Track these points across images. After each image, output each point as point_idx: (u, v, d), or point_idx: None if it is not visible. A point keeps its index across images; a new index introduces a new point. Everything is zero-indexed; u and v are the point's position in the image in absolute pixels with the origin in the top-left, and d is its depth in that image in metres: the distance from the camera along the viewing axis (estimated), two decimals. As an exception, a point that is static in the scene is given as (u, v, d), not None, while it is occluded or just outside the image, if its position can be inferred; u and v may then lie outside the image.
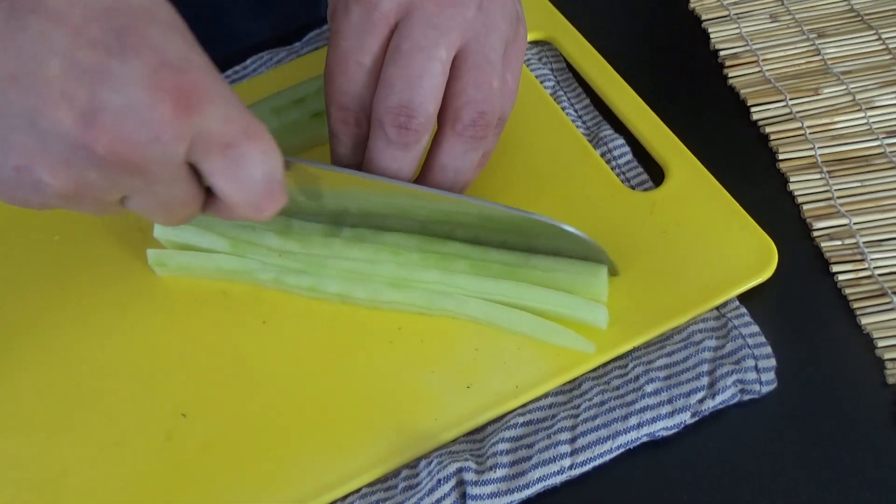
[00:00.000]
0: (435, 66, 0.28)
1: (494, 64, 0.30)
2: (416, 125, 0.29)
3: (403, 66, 0.28)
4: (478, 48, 0.29)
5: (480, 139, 0.30)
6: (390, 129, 0.29)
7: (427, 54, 0.28)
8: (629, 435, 0.30)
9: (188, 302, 0.35)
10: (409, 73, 0.28)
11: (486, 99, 0.29)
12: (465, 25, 0.29)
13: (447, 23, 0.29)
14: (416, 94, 0.28)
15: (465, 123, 0.30)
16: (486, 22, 0.30)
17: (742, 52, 0.43)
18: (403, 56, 0.28)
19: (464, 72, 0.29)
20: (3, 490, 0.31)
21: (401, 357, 0.33)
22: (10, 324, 0.36)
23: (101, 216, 0.35)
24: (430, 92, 0.29)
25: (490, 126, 0.30)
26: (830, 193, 0.37)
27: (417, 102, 0.29)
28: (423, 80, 0.28)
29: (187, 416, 0.32)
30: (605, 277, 0.32)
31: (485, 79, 0.29)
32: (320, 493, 0.30)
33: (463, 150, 0.31)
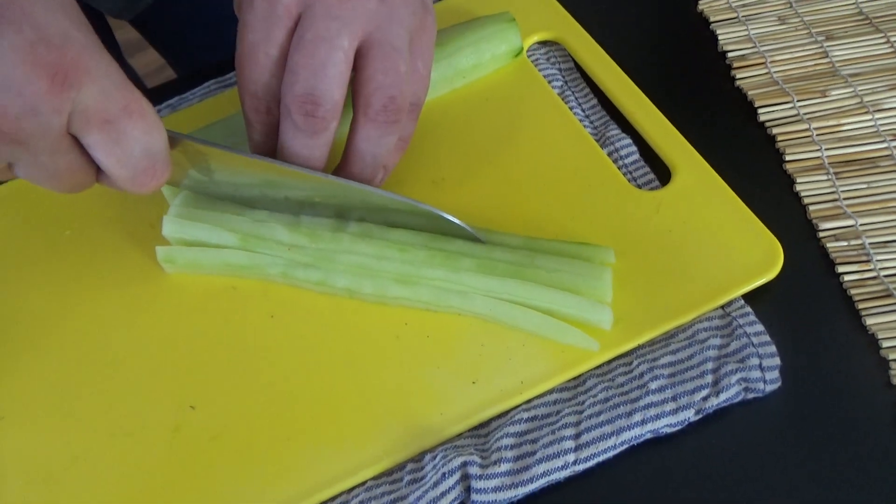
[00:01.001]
0: (338, 55, 0.29)
1: (400, 50, 0.30)
2: (322, 112, 0.30)
3: (307, 55, 0.29)
4: (382, 37, 0.30)
5: (393, 123, 0.31)
6: (297, 116, 0.30)
7: (330, 44, 0.29)
8: (633, 431, 0.30)
9: (197, 296, 0.36)
10: (313, 62, 0.29)
11: (395, 83, 0.30)
12: (367, 16, 0.30)
13: (348, 14, 0.29)
14: (321, 82, 0.29)
15: (376, 109, 0.31)
16: (389, 13, 0.30)
17: (750, 53, 0.43)
18: (307, 46, 0.29)
19: (370, 60, 0.30)
20: (14, 478, 0.32)
21: (407, 352, 0.33)
22: (23, 316, 0.36)
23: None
24: (334, 80, 0.29)
25: (402, 110, 0.31)
26: (837, 195, 0.37)
27: (322, 90, 0.29)
28: (327, 68, 0.29)
29: (196, 409, 0.33)
30: (609, 279, 0.32)
31: (391, 65, 0.30)
32: (326, 485, 0.30)
33: (378, 134, 0.32)
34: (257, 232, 0.35)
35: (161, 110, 0.45)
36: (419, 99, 0.33)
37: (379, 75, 0.30)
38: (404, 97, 0.31)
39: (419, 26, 0.32)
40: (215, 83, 0.45)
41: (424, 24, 0.32)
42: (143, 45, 0.67)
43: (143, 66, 0.75)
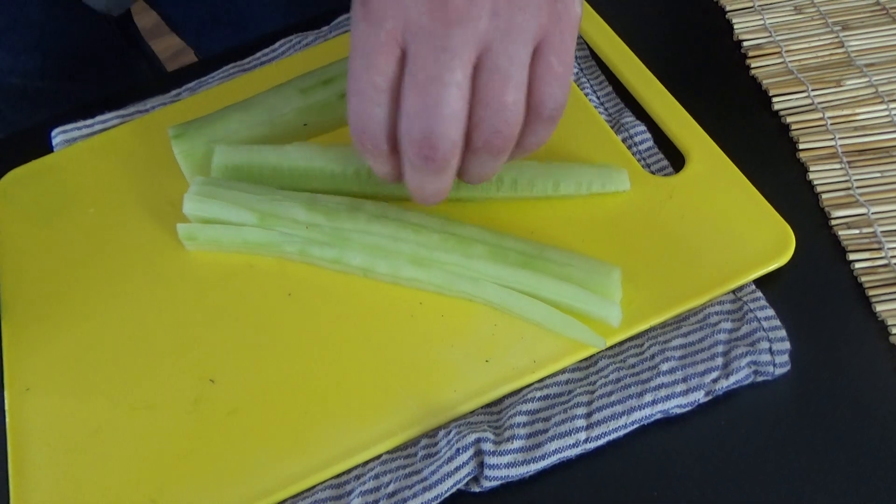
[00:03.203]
0: (451, 93, 0.28)
1: (509, 75, 0.28)
2: (441, 154, 0.29)
3: (420, 97, 0.28)
4: (492, 61, 0.28)
5: (497, 154, 0.30)
6: (416, 159, 0.29)
7: (441, 82, 0.27)
8: (644, 411, 0.31)
9: (216, 274, 0.37)
10: (427, 102, 0.28)
11: (498, 116, 0.28)
12: (477, 39, 0.27)
13: (457, 42, 0.27)
14: (437, 125, 0.28)
15: (476, 145, 0.29)
16: (505, 28, 0.28)
17: (765, 43, 0.43)
18: (418, 87, 0.28)
19: (477, 88, 0.28)
20: (39, 448, 0.33)
21: (421, 330, 0.33)
22: (48, 292, 0.37)
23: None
24: (450, 120, 0.28)
25: (507, 141, 0.29)
26: (850, 183, 0.37)
27: (439, 133, 0.28)
28: (442, 108, 0.28)
29: (215, 382, 0.33)
30: (618, 278, 0.33)
31: (496, 95, 0.28)
32: (342, 458, 0.31)
33: (481, 164, 0.30)
34: (275, 211, 0.36)
35: (180, 94, 0.45)
36: (557, 101, 0.30)
37: (480, 108, 0.28)
38: (509, 128, 0.29)
39: (551, 20, 0.29)
40: (234, 67, 0.46)
41: (558, 13, 0.29)
42: (162, 31, 0.68)
43: (162, 51, 0.76)
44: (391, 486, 0.30)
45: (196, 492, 0.31)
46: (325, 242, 0.35)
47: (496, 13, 0.27)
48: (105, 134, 0.43)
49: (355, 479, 0.31)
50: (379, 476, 0.30)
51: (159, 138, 0.41)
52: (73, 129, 0.44)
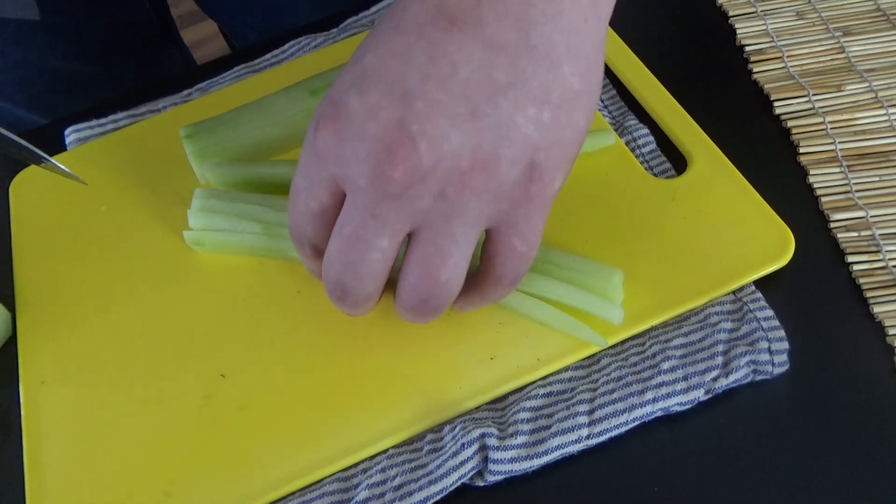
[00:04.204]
0: (373, 256, 0.27)
1: (448, 254, 0.27)
2: (351, 301, 0.29)
3: (341, 250, 0.27)
4: (429, 236, 0.27)
5: (426, 316, 0.29)
6: (331, 295, 0.29)
7: (366, 245, 0.27)
8: (644, 409, 0.31)
9: (227, 272, 0.37)
10: (346, 258, 0.27)
11: (428, 290, 0.28)
12: (414, 215, 0.26)
13: (391, 214, 0.26)
14: (351, 279, 0.28)
15: (404, 306, 0.29)
16: (448, 210, 0.26)
17: (767, 48, 0.44)
18: (343, 241, 0.27)
19: (411, 255, 0.27)
20: (53, 440, 0.33)
21: (427, 328, 0.34)
22: (63, 287, 0.38)
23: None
24: (366, 278, 0.28)
25: (436, 311, 0.29)
26: (849, 187, 0.38)
27: (352, 286, 0.28)
28: (359, 267, 0.27)
29: (226, 378, 0.34)
30: (619, 280, 0.33)
31: (428, 271, 0.27)
32: (350, 452, 0.31)
33: (412, 318, 0.30)
34: (281, 220, 0.36)
35: (192, 94, 0.46)
36: (517, 273, 0.29)
37: (412, 277, 0.28)
38: (439, 300, 0.28)
39: (517, 203, 0.27)
40: (244, 68, 0.47)
41: (529, 196, 0.27)
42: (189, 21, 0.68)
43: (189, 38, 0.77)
44: (397, 479, 0.31)
45: (207, 484, 0.31)
46: None
47: (443, 196, 0.26)
48: (117, 133, 0.44)
49: (362, 473, 0.31)
50: (385, 470, 0.31)
51: (171, 138, 0.42)
52: (85, 129, 0.45)
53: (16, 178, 0.43)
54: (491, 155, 0.25)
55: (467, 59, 0.25)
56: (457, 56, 0.25)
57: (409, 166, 0.25)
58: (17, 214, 0.41)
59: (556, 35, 0.25)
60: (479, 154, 0.25)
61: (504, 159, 0.26)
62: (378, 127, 0.25)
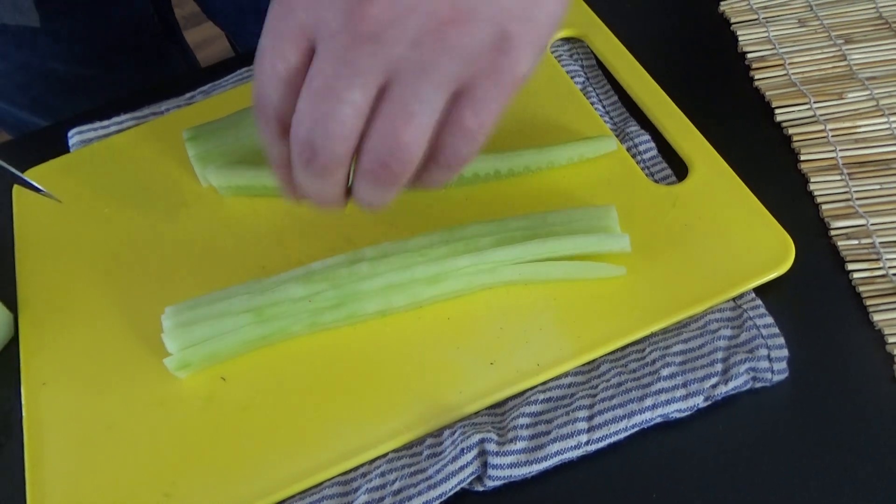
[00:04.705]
0: (344, 110, 0.26)
1: (413, 114, 0.26)
2: (320, 163, 0.27)
3: (311, 104, 0.26)
4: (398, 93, 0.26)
5: (385, 184, 0.28)
6: (298, 159, 0.27)
7: (337, 97, 0.25)
8: (644, 415, 0.31)
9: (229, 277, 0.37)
10: (316, 113, 0.26)
11: (389, 151, 0.26)
12: (388, 64, 0.25)
13: (364, 61, 0.25)
14: (320, 136, 0.26)
15: (364, 168, 0.27)
16: (420, 61, 0.25)
17: (769, 55, 0.44)
18: (313, 94, 0.26)
19: (377, 113, 0.26)
20: (55, 441, 0.33)
21: (428, 333, 0.34)
22: (64, 289, 0.38)
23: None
24: (335, 135, 0.26)
25: (395, 177, 0.27)
26: (849, 195, 0.38)
27: (320, 145, 0.26)
28: (329, 124, 0.26)
29: (227, 380, 0.34)
30: (615, 214, 0.35)
31: (392, 130, 0.26)
32: (350, 455, 0.32)
33: (370, 188, 0.28)
34: (270, 300, 0.34)
35: (195, 97, 0.46)
36: (457, 156, 0.28)
37: (375, 136, 0.26)
38: (402, 163, 0.27)
39: (484, 71, 0.26)
40: (247, 71, 0.47)
41: (496, 66, 0.26)
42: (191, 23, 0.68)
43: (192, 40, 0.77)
44: (397, 483, 0.31)
45: (208, 486, 0.31)
46: (334, 306, 0.34)
47: (418, 44, 0.25)
48: (120, 135, 0.44)
49: (362, 477, 0.31)
50: (385, 474, 0.31)
51: (174, 140, 0.42)
52: (89, 130, 0.45)
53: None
54: (470, 9, 0.25)
55: None
56: None
57: (387, 3, 0.24)
58: (19, 216, 0.42)
59: None
60: (459, 4, 0.25)
61: (481, 18, 0.25)
62: None
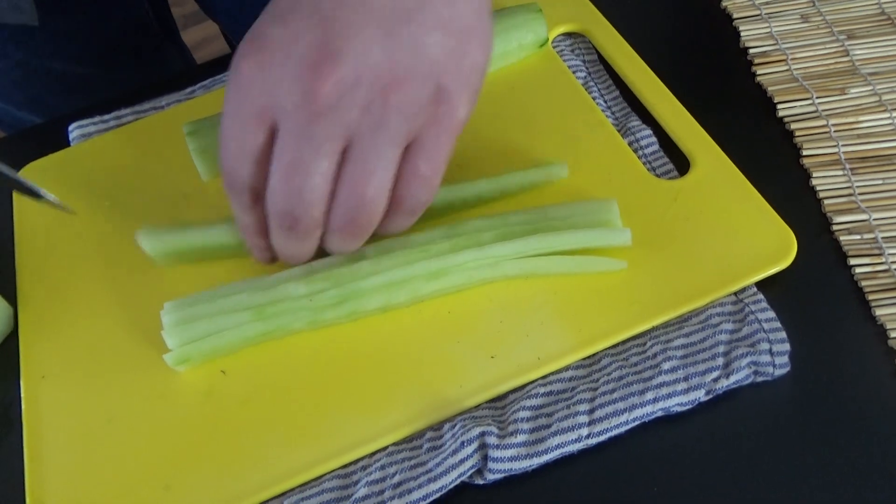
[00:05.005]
0: (314, 180, 0.29)
1: (372, 171, 0.29)
2: (302, 227, 0.30)
3: (284, 181, 0.29)
4: (358, 153, 0.29)
5: (355, 236, 0.31)
6: (280, 229, 0.31)
7: (305, 170, 0.28)
8: (645, 409, 0.31)
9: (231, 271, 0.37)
10: (290, 187, 0.29)
11: (356, 207, 0.30)
12: (345, 129, 0.28)
13: (323, 132, 0.28)
14: (298, 205, 0.29)
15: (335, 224, 0.30)
16: (372, 124, 0.28)
17: (771, 50, 0.44)
18: (284, 168, 0.29)
19: (343, 174, 0.29)
20: (54, 435, 0.33)
21: (428, 326, 0.34)
22: (64, 282, 0.38)
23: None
24: (312, 203, 0.29)
25: (362, 229, 0.31)
26: (852, 190, 0.38)
27: (300, 212, 0.30)
28: (304, 193, 0.29)
29: (227, 374, 0.34)
30: (616, 209, 0.35)
31: (356, 188, 0.29)
32: (349, 448, 0.31)
33: (340, 241, 0.31)
34: (271, 298, 0.34)
35: (195, 91, 0.46)
36: (418, 201, 0.31)
37: (342, 196, 0.29)
38: (367, 217, 0.30)
39: (428, 123, 0.29)
40: (248, 65, 0.47)
41: (437, 117, 0.29)
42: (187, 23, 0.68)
43: (190, 39, 0.77)
44: (397, 476, 0.31)
45: (207, 479, 0.31)
46: (335, 303, 0.34)
47: (368, 110, 0.28)
48: (121, 129, 0.44)
49: (362, 470, 0.31)
50: (385, 467, 0.31)
51: (174, 134, 0.42)
52: (89, 125, 0.45)
53: (19, 174, 0.43)
54: (406, 72, 0.28)
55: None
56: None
57: (337, 79, 0.27)
58: (19, 209, 0.42)
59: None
60: (396, 70, 0.28)
61: (417, 77, 0.28)
62: (302, 48, 0.27)
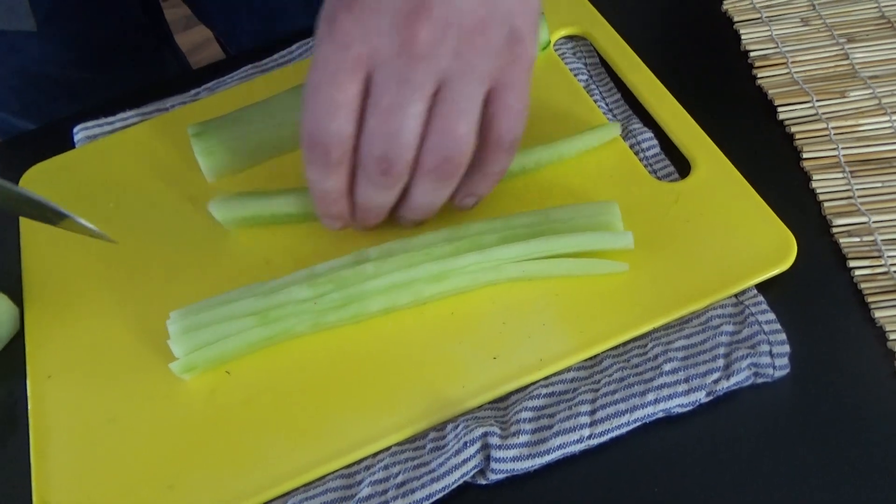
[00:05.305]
0: (410, 123, 0.30)
1: (464, 111, 0.31)
2: (396, 171, 0.32)
3: (382, 122, 0.30)
4: (449, 95, 0.30)
5: (446, 180, 0.33)
6: (374, 175, 0.32)
7: (403, 112, 0.30)
8: (646, 410, 0.31)
9: (233, 268, 0.38)
10: (388, 129, 0.30)
11: (449, 145, 0.31)
12: (438, 75, 0.30)
13: (420, 77, 0.30)
14: (394, 148, 0.31)
15: (428, 168, 0.32)
16: (462, 67, 0.30)
17: (772, 53, 0.44)
18: (382, 113, 0.30)
19: (433, 117, 0.31)
20: (60, 434, 0.34)
21: (431, 327, 0.34)
22: (69, 282, 0.38)
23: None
24: (406, 145, 0.31)
25: (455, 168, 0.32)
26: (851, 192, 0.38)
27: (395, 154, 0.31)
28: (401, 136, 0.31)
29: (231, 374, 0.34)
30: (618, 211, 0.35)
31: (449, 126, 0.31)
32: (353, 449, 0.32)
33: (430, 189, 0.33)
34: (274, 302, 0.34)
35: (200, 93, 0.46)
36: (514, 135, 0.33)
37: (434, 136, 0.31)
38: (461, 156, 0.32)
39: (507, 62, 0.31)
40: (252, 68, 0.47)
41: (514, 56, 0.31)
42: (182, 27, 0.69)
43: (185, 44, 0.77)
44: (400, 476, 0.31)
45: (211, 478, 0.32)
46: (338, 306, 0.34)
47: (458, 55, 0.30)
48: (126, 131, 0.44)
49: (365, 470, 0.32)
50: (388, 467, 0.31)
51: (179, 136, 0.43)
52: (94, 126, 0.45)
53: (25, 175, 0.43)
54: (487, 16, 0.30)
55: None
56: None
57: (430, 26, 0.29)
58: (25, 210, 0.42)
59: None
60: (478, 15, 0.30)
61: (496, 21, 0.30)
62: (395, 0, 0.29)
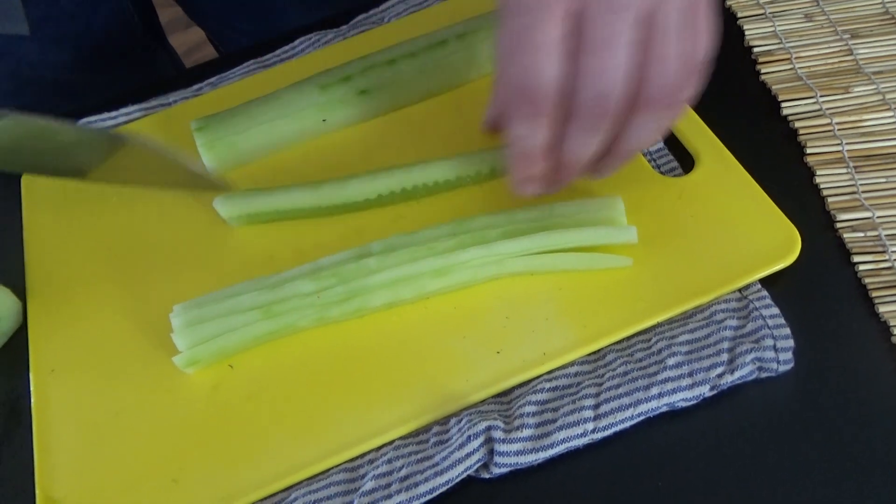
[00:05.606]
0: (623, 53, 0.29)
1: (674, 32, 0.29)
2: (613, 110, 0.30)
3: (597, 58, 0.29)
4: (660, 20, 0.29)
5: (664, 109, 0.30)
6: (589, 118, 0.30)
7: (617, 41, 0.28)
8: (650, 404, 0.31)
9: (235, 262, 0.38)
10: (603, 64, 0.29)
11: (665, 71, 0.29)
12: (642, 12, 0.28)
13: (626, 13, 0.28)
14: (611, 85, 0.29)
15: (645, 98, 0.30)
16: (658, 1, 0.29)
17: (776, 49, 0.44)
18: (596, 48, 0.28)
19: (647, 47, 0.29)
20: (63, 428, 0.34)
21: (434, 322, 0.34)
22: (72, 277, 0.38)
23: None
24: (622, 80, 0.29)
25: (673, 94, 0.30)
26: (855, 187, 0.38)
27: (610, 89, 0.29)
28: (619, 70, 0.29)
29: (234, 368, 0.34)
30: (621, 206, 0.35)
31: (663, 52, 0.29)
32: (356, 443, 0.32)
33: (644, 122, 0.31)
34: (278, 296, 0.34)
35: (202, 88, 0.46)
36: (705, 54, 0.31)
37: (649, 64, 0.29)
38: (676, 79, 0.30)
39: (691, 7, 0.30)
40: (254, 63, 0.47)
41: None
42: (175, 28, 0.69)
43: (180, 45, 0.77)
44: (403, 470, 0.31)
45: (215, 472, 0.32)
46: (341, 300, 0.34)
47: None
48: (128, 126, 0.44)
49: (369, 464, 0.32)
50: (392, 461, 0.31)
51: (181, 131, 0.43)
52: (97, 121, 0.45)
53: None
54: None
55: None
56: None
57: None
58: (28, 204, 0.42)
59: None
60: None
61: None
62: None
